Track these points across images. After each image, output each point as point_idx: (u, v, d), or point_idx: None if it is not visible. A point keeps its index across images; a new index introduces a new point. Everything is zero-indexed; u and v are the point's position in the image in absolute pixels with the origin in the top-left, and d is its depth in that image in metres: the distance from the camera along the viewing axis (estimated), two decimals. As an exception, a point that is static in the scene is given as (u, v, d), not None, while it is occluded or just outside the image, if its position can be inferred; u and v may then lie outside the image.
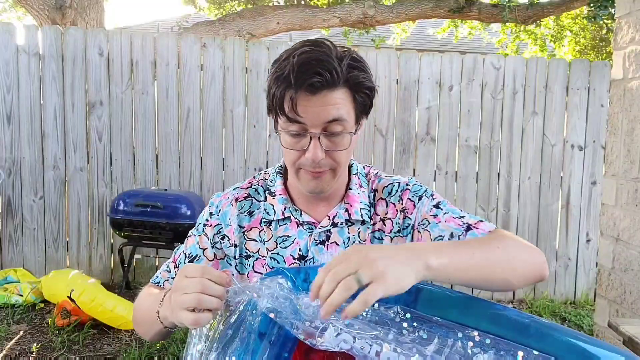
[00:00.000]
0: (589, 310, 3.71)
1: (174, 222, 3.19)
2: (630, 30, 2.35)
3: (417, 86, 3.82)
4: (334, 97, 0.87)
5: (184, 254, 1.03)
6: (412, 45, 9.69)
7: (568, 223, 3.94)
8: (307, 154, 0.89)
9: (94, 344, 2.76)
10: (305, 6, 6.36)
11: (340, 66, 0.87)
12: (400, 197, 1.02)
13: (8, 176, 3.50)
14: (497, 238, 0.88)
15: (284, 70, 0.86)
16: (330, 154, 0.91)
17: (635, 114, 2.33)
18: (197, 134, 3.69)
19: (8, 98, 3.48)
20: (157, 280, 1.05)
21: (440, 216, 0.97)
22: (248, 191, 1.05)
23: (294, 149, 0.91)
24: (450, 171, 3.88)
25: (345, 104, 0.89)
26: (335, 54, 0.88)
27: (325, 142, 0.90)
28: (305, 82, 0.84)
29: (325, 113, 0.87)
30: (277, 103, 0.88)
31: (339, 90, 0.88)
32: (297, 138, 0.90)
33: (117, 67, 3.59)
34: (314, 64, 0.85)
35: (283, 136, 0.92)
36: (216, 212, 1.03)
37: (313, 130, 0.88)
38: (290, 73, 0.85)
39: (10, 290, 3.24)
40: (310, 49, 0.87)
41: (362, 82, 0.90)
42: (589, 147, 3.92)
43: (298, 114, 0.87)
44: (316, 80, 0.85)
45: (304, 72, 0.85)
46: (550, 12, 5.72)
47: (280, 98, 0.87)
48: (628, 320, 1.80)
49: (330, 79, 0.85)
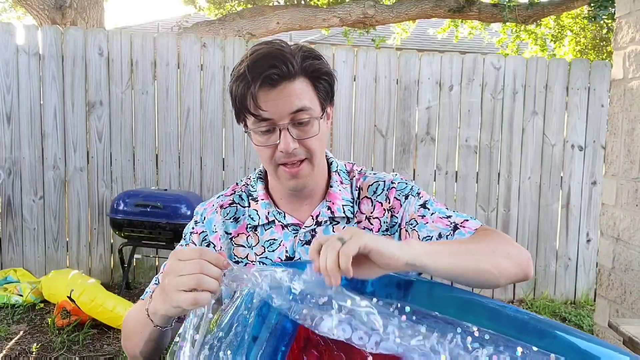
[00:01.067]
0: (589, 310, 3.71)
1: (173, 222, 3.18)
2: (631, 30, 2.35)
3: (417, 86, 3.82)
4: (294, 88, 0.89)
5: None
6: (412, 45, 9.69)
7: (568, 223, 3.94)
8: (280, 146, 0.91)
9: (94, 344, 2.76)
10: (305, 6, 6.36)
11: (295, 58, 0.89)
12: (387, 196, 1.03)
13: (8, 176, 3.50)
14: (485, 236, 0.91)
15: (239, 70, 0.90)
16: (302, 143, 0.92)
17: (635, 114, 2.32)
18: (197, 134, 3.69)
19: (8, 98, 3.48)
20: (147, 295, 1.02)
21: (428, 216, 0.99)
22: (232, 198, 1.06)
23: (266, 145, 0.93)
24: (450, 171, 3.88)
25: (306, 92, 0.91)
26: (288, 49, 0.91)
27: (295, 132, 0.92)
28: (262, 76, 0.87)
29: (289, 104, 0.89)
30: (240, 103, 0.90)
31: (298, 80, 0.90)
32: (267, 135, 0.92)
33: (117, 67, 3.59)
34: (268, 58, 0.88)
35: (254, 136, 0.94)
36: (201, 220, 1.04)
37: (280, 122, 0.90)
38: (246, 71, 0.88)
39: (10, 290, 3.24)
40: (262, 47, 0.90)
41: (319, 68, 0.92)
42: (589, 147, 3.92)
43: (262, 109, 0.89)
44: (272, 72, 0.87)
45: (259, 66, 0.87)
46: (551, 12, 5.72)
47: (242, 97, 0.89)
48: (628, 320, 1.80)
49: (287, 70, 0.88)
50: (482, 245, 0.87)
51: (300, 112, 0.90)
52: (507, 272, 0.86)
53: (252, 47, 0.93)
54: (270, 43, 0.92)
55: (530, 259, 0.91)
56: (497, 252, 0.86)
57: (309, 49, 0.94)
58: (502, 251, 0.87)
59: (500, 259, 0.86)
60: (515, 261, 0.88)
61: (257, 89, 0.88)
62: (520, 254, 0.90)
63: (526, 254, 0.91)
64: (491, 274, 0.84)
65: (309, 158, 0.94)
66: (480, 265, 0.83)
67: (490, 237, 0.91)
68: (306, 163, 0.95)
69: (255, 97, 0.88)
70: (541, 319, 0.74)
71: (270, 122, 0.90)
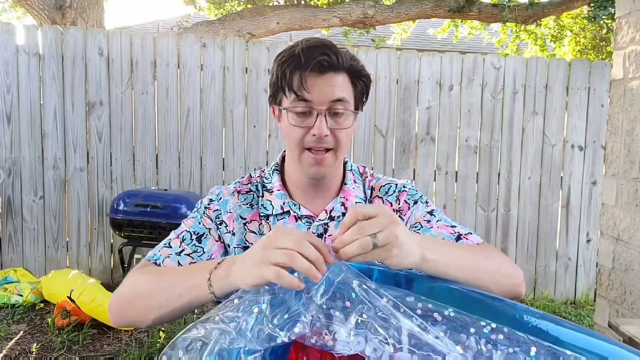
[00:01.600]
0: (589, 310, 3.71)
1: (174, 222, 3.18)
2: (630, 30, 2.35)
3: (417, 86, 3.82)
4: (338, 79, 0.95)
5: (188, 232, 1.03)
6: (412, 45, 9.68)
7: (568, 223, 3.94)
8: (313, 130, 0.94)
9: (94, 344, 2.76)
10: (305, 6, 6.36)
11: (343, 55, 0.96)
12: (397, 197, 1.08)
13: (8, 176, 3.50)
14: (486, 250, 0.96)
15: (293, 52, 0.94)
16: (333, 132, 0.96)
17: (635, 114, 2.32)
18: (197, 134, 3.69)
19: (8, 98, 3.48)
20: (156, 257, 0.98)
21: (433, 222, 1.03)
22: (249, 186, 1.08)
23: (301, 126, 0.96)
24: (450, 171, 3.88)
25: (347, 87, 0.97)
26: (336, 47, 0.97)
27: (330, 121, 0.95)
28: (314, 60, 0.92)
29: (332, 92, 0.94)
30: (286, 82, 0.94)
31: (342, 74, 0.96)
32: (303, 117, 0.96)
33: (117, 67, 3.59)
34: (321, 47, 0.94)
35: (289, 115, 0.96)
36: (216, 199, 1.06)
37: (319, 107, 0.94)
38: (300, 52, 0.93)
39: (10, 290, 3.24)
40: (314, 38, 0.97)
41: (361, 70, 0.99)
42: (589, 147, 3.92)
43: (307, 91, 0.93)
44: (324, 59, 0.93)
45: (313, 52, 0.93)
46: (551, 12, 5.72)
47: (290, 76, 0.94)
48: (628, 320, 1.80)
49: (336, 61, 0.94)
50: (489, 261, 0.91)
51: (339, 102, 0.95)
52: (502, 290, 0.89)
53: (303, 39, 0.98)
54: (321, 39, 0.97)
55: (523, 283, 0.96)
56: (501, 270, 0.91)
57: (351, 54, 1.00)
58: (503, 270, 0.92)
59: (501, 278, 0.90)
60: (512, 283, 0.93)
61: (306, 73, 0.93)
62: (517, 276, 0.94)
63: (521, 277, 0.95)
64: (489, 289, 0.86)
65: (335, 149, 0.98)
66: (482, 282, 0.86)
67: (494, 253, 0.95)
68: (331, 153, 0.98)
69: (304, 78, 0.93)
70: (550, 316, 0.74)
71: (309, 104, 0.94)
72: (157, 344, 2.74)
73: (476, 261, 0.88)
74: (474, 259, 0.88)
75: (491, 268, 0.90)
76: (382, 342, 0.67)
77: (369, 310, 0.69)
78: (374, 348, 0.67)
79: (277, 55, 0.99)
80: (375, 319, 0.68)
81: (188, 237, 1.02)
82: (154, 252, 1.01)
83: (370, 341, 0.67)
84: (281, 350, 0.72)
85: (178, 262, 0.97)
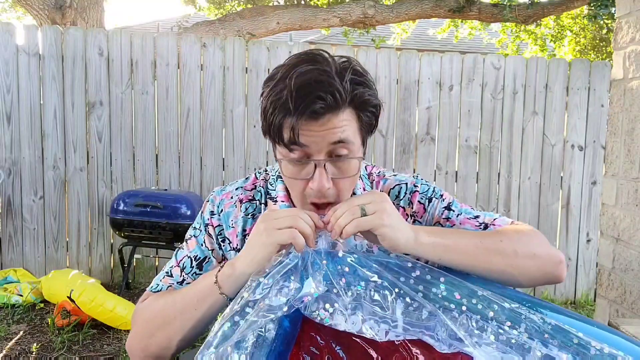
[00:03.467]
0: (589, 310, 3.71)
1: (174, 222, 3.19)
2: (631, 30, 2.35)
3: (417, 86, 3.82)
4: (339, 120, 0.80)
5: (189, 257, 0.97)
6: (412, 45, 9.68)
7: (568, 223, 3.94)
8: (312, 183, 0.82)
9: (94, 344, 2.76)
10: (305, 6, 6.36)
11: (343, 85, 0.79)
12: (409, 200, 0.98)
13: (8, 176, 3.50)
14: (506, 232, 0.89)
15: (280, 95, 0.78)
16: (336, 184, 0.83)
17: (635, 114, 2.32)
18: (197, 134, 3.69)
19: (8, 98, 3.48)
20: (159, 288, 0.96)
21: (454, 219, 0.96)
22: (252, 193, 0.99)
23: (298, 178, 0.84)
24: (450, 171, 3.88)
25: (350, 125, 0.82)
26: (335, 70, 0.80)
27: (331, 169, 0.82)
28: (307, 109, 0.76)
29: (330, 136, 0.80)
30: (275, 132, 0.81)
31: (344, 111, 0.80)
32: (299, 165, 0.83)
33: (117, 67, 3.59)
34: (315, 87, 0.77)
35: (284, 165, 0.85)
36: (217, 211, 0.98)
37: (317, 156, 0.81)
38: (289, 99, 0.77)
39: (10, 290, 3.24)
40: (307, 68, 0.78)
41: (368, 99, 0.82)
42: (589, 147, 3.92)
43: (300, 143, 0.79)
44: (319, 106, 0.77)
45: (304, 97, 0.76)
46: (551, 12, 5.72)
47: (279, 126, 0.80)
48: (628, 320, 1.79)
49: (334, 102, 0.78)
50: (504, 244, 0.84)
51: (340, 145, 0.81)
52: (529, 274, 0.85)
53: (294, 61, 0.81)
54: (315, 60, 0.80)
55: (563, 262, 0.89)
56: (519, 253, 0.84)
57: (360, 71, 0.82)
58: (526, 252, 0.85)
59: (522, 260, 0.84)
60: (541, 262, 0.86)
61: (298, 122, 0.78)
62: (550, 255, 0.87)
63: (557, 256, 0.88)
64: (508, 274, 0.83)
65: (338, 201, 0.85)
66: (493, 265, 0.82)
67: (518, 235, 0.87)
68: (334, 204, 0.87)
69: (296, 129, 0.78)
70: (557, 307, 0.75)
71: (305, 150, 0.81)
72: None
73: (484, 244, 0.83)
74: (480, 241, 0.83)
75: (506, 250, 0.83)
76: (377, 321, 0.69)
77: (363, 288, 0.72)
78: (369, 327, 0.69)
79: (266, 82, 0.84)
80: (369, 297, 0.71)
81: (189, 264, 0.96)
82: (156, 282, 0.97)
83: (366, 321, 0.69)
84: (291, 327, 0.74)
85: None
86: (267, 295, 0.70)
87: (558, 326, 0.68)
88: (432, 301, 0.71)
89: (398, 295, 0.71)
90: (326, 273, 0.72)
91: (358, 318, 0.70)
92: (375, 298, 0.70)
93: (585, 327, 0.70)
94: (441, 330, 0.68)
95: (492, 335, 0.68)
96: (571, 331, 0.67)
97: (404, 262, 0.76)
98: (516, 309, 0.70)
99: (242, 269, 0.80)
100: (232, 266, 0.82)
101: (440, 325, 0.69)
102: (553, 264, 0.88)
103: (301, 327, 0.76)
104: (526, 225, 0.94)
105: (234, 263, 0.82)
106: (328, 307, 0.71)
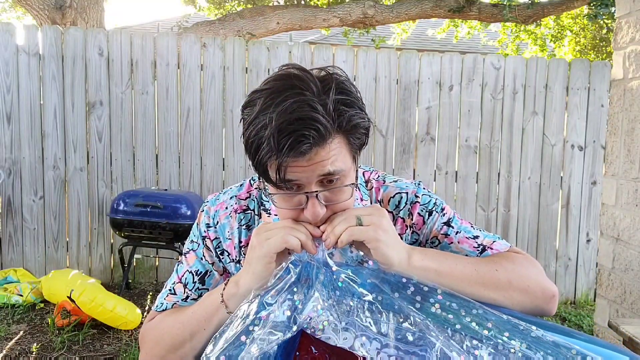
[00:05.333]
0: (589, 310, 3.71)
1: (174, 222, 3.19)
2: (630, 30, 2.35)
3: (417, 86, 3.82)
4: (326, 152, 0.75)
5: (190, 272, 0.96)
6: (412, 45, 9.69)
7: (568, 223, 3.94)
8: (306, 213, 0.78)
9: (94, 344, 2.76)
10: (305, 6, 6.36)
11: (327, 113, 0.73)
12: (409, 211, 0.96)
13: (8, 176, 3.50)
14: (503, 261, 0.87)
15: (262, 134, 0.73)
16: (331, 208, 0.80)
17: (635, 114, 2.32)
18: (197, 134, 3.69)
19: (8, 98, 3.48)
20: (164, 307, 0.95)
21: (453, 236, 0.94)
22: (247, 203, 0.97)
23: (291, 208, 0.80)
24: (450, 171, 3.88)
25: (340, 151, 0.77)
26: (317, 92, 0.74)
27: (324, 196, 0.79)
28: (292, 151, 0.72)
29: (320, 169, 0.76)
30: (261, 171, 0.77)
31: (332, 140, 0.75)
32: (290, 197, 0.80)
33: (117, 67, 3.59)
34: (297, 125, 0.72)
35: (275, 199, 0.82)
36: (213, 223, 0.96)
37: (308, 188, 0.77)
38: (272, 141, 0.72)
39: (10, 290, 3.24)
40: (287, 103, 0.72)
41: (357, 124, 0.78)
42: (589, 147, 3.92)
43: (288, 180, 0.76)
44: (304, 146, 0.72)
45: (288, 137, 0.71)
46: (551, 12, 5.72)
47: (263, 166, 0.76)
48: (628, 320, 1.80)
49: (319, 137, 0.73)
50: (499, 274, 0.83)
51: (331, 176, 0.77)
52: (520, 306, 0.84)
53: (272, 86, 0.75)
54: (292, 86, 0.74)
55: (555, 297, 0.87)
56: (513, 285, 0.83)
57: (344, 87, 0.77)
58: (521, 284, 0.84)
59: (516, 292, 0.83)
60: (534, 297, 0.84)
61: (283, 161, 0.73)
62: (543, 290, 0.86)
63: (550, 291, 0.86)
64: (500, 303, 0.82)
65: None
66: (485, 295, 0.82)
67: (514, 266, 0.86)
68: None
69: (281, 170, 0.74)
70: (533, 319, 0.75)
71: (295, 184, 0.77)
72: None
73: (479, 273, 0.82)
74: (474, 269, 0.82)
75: (500, 282, 0.82)
76: (369, 338, 0.69)
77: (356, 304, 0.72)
78: (360, 343, 0.69)
79: (244, 112, 0.79)
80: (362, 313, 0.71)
81: (190, 279, 0.95)
82: (160, 300, 0.97)
83: (358, 337, 0.69)
84: (290, 340, 0.73)
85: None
86: (272, 311, 0.71)
87: (555, 342, 0.69)
88: (428, 316, 0.71)
89: (389, 311, 0.71)
90: (322, 285, 0.72)
91: (351, 334, 0.69)
92: (367, 315, 0.70)
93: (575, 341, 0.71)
94: (433, 352, 0.68)
95: (486, 354, 0.68)
96: (566, 345, 0.68)
97: (398, 278, 0.76)
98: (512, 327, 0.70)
99: (246, 286, 0.80)
100: (237, 284, 0.82)
101: (431, 346, 0.68)
102: (545, 299, 0.86)
103: (300, 339, 0.76)
104: (523, 254, 0.92)
105: (238, 281, 0.82)
106: (323, 320, 0.70)
